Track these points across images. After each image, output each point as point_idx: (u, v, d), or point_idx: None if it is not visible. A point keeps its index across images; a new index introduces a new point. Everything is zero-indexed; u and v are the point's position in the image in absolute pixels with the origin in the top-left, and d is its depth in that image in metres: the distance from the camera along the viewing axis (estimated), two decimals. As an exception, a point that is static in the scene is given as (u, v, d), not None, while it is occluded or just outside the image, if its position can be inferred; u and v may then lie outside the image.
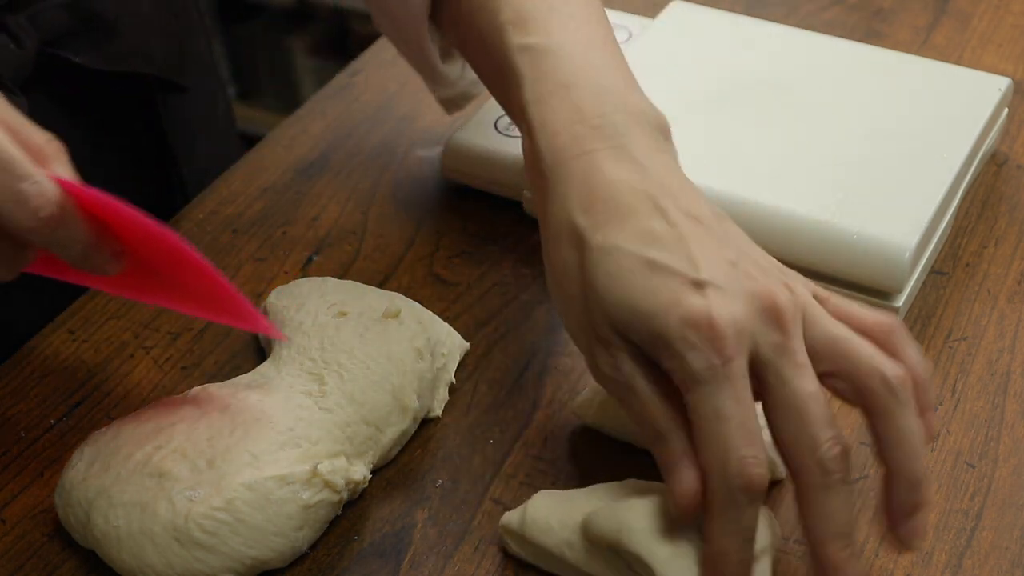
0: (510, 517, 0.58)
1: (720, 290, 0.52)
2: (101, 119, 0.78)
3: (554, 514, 0.57)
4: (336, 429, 0.60)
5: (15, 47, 0.69)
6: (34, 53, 0.70)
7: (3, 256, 0.55)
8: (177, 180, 0.84)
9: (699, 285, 0.52)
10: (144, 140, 0.82)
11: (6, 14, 0.69)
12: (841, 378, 0.54)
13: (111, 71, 0.74)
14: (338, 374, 0.62)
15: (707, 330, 0.51)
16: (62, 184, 0.53)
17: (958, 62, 0.89)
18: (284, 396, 0.61)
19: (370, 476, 0.61)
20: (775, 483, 0.62)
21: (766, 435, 0.61)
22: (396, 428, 0.62)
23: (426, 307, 0.72)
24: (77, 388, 0.68)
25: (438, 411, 0.65)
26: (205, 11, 0.90)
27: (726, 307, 0.52)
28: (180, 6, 0.82)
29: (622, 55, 0.63)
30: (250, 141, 0.90)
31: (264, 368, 0.63)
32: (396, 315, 0.64)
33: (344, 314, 0.64)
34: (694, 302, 0.52)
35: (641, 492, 0.56)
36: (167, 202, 0.83)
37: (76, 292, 0.73)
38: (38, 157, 0.53)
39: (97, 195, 0.54)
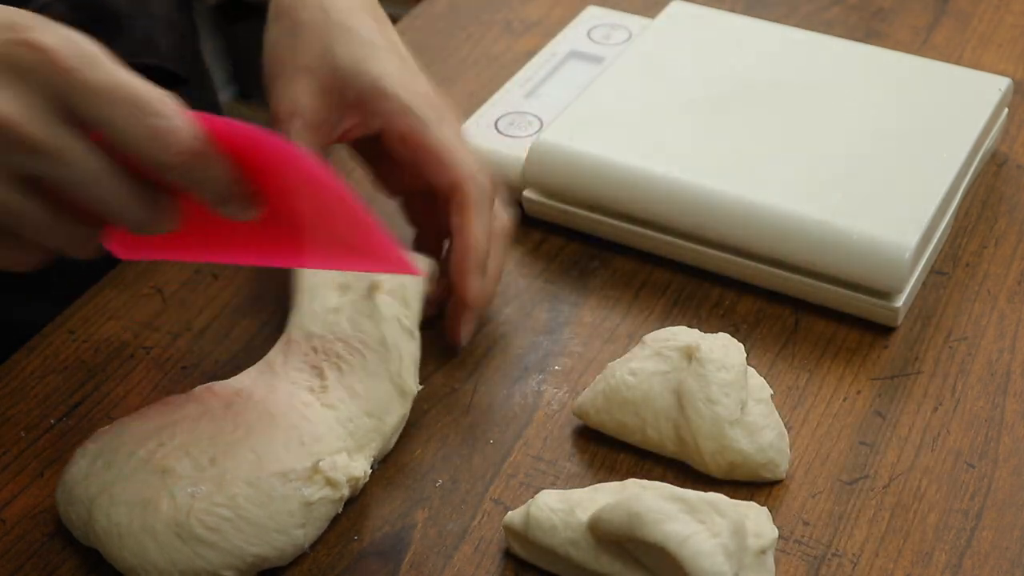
0: (513, 517, 0.58)
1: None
2: None
3: (557, 513, 0.57)
4: (338, 425, 0.60)
5: None
6: None
7: (81, 236, 0.53)
8: None
9: None
10: None
11: None
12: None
13: None
14: (336, 366, 0.62)
15: None
16: (201, 119, 0.51)
17: (958, 62, 0.89)
18: (287, 393, 0.61)
19: (371, 471, 0.61)
20: (775, 483, 0.62)
21: (767, 435, 0.61)
22: (396, 415, 0.62)
23: (426, 307, 0.72)
24: (77, 388, 0.68)
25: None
26: (203, 11, 0.91)
27: None
28: (182, 1, 0.83)
29: None
30: (250, 141, 0.90)
31: (265, 364, 0.63)
32: (379, 289, 0.64)
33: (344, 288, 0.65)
34: None
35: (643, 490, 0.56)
36: None
37: (76, 292, 0.73)
38: None
39: (241, 127, 0.52)
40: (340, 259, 0.60)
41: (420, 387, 0.64)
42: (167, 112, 0.50)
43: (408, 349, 0.63)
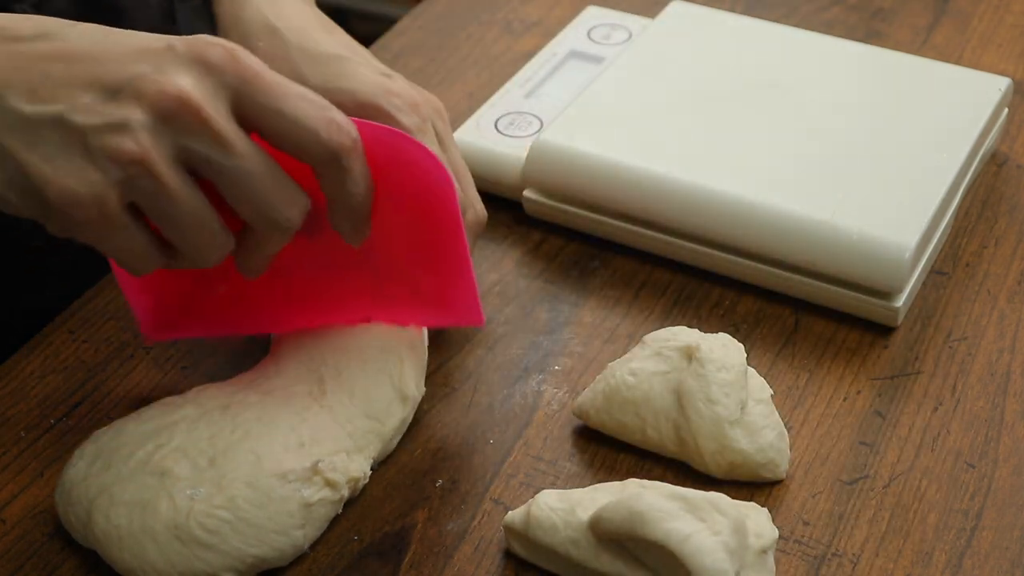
0: (513, 517, 0.58)
1: None
2: None
3: (558, 513, 0.57)
4: (337, 426, 0.60)
5: None
6: None
7: (216, 239, 0.54)
8: None
9: None
10: None
11: (12, 2, 0.69)
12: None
13: None
14: (335, 370, 0.62)
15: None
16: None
17: (958, 62, 0.89)
18: (285, 395, 0.61)
19: (370, 472, 0.61)
20: (775, 483, 0.62)
21: (767, 435, 0.61)
22: (396, 418, 0.62)
23: (426, 307, 0.72)
24: (77, 388, 0.68)
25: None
26: (202, 11, 0.92)
27: None
28: None
29: None
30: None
31: (263, 367, 0.63)
32: None
33: None
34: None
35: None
36: None
37: (76, 292, 0.73)
38: None
39: (369, 123, 0.55)
40: (405, 313, 0.63)
41: (423, 391, 0.64)
42: (334, 108, 0.54)
43: (410, 353, 0.63)
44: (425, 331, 0.65)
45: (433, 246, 0.59)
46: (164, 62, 0.51)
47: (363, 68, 0.68)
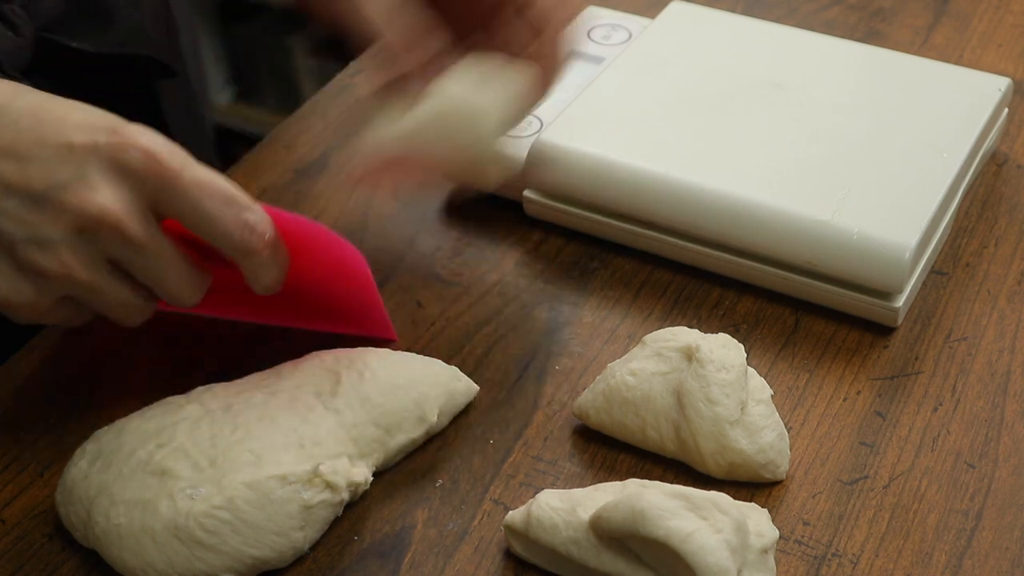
0: (514, 516, 0.58)
1: None
2: (102, 103, 0.79)
3: (559, 512, 0.57)
4: (340, 430, 0.60)
5: (12, 35, 0.70)
6: (31, 39, 0.71)
7: (138, 306, 0.60)
8: None
9: None
10: (144, 122, 0.83)
11: (1, 2, 0.69)
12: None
13: (109, 54, 0.76)
14: (359, 374, 0.62)
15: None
16: (266, 210, 0.58)
17: (958, 62, 0.89)
18: (290, 396, 0.61)
19: (372, 478, 0.61)
20: (775, 483, 0.62)
21: (767, 435, 0.61)
22: (407, 435, 0.62)
23: (426, 307, 0.72)
24: (78, 388, 0.68)
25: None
26: (190, 11, 0.93)
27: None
28: None
29: None
30: (250, 141, 0.90)
31: (273, 370, 0.63)
32: None
33: None
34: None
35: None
36: None
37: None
38: None
39: (292, 217, 0.59)
40: (335, 325, 0.68)
41: (442, 425, 0.64)
42: (254, 207, 0.58)
43: (447, 388, 0.64)
44: (470, 381, 0.66)
45: (350, 296, 0.66)
46: (86, 168, 0.55)
47: None
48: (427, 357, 0.65)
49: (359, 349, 0.64)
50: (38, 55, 0.72)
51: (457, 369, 0.65)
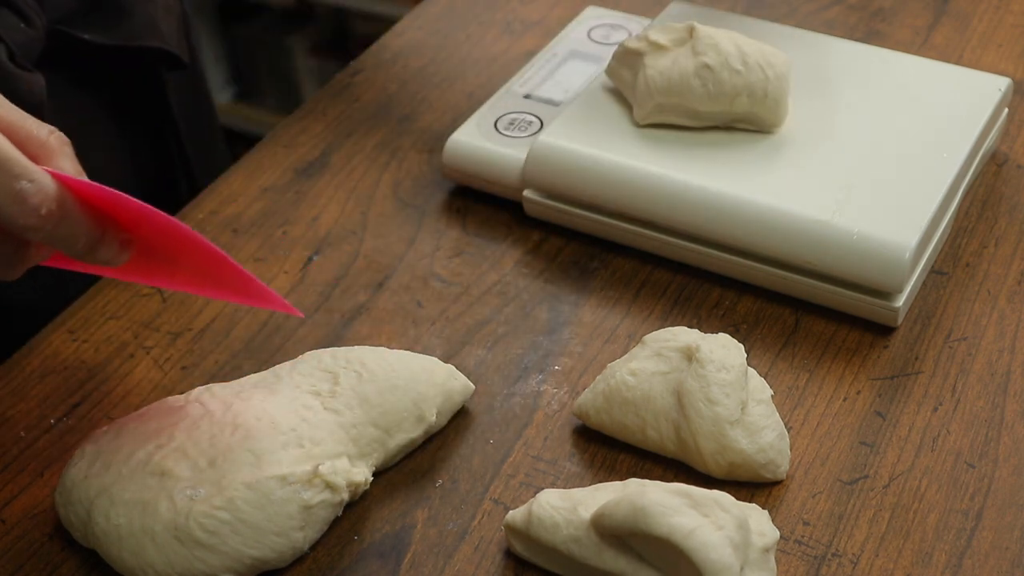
0: (514, 516, 0.58)
1: None
2: (113, 94, 0.80)
3: (560, 511, 0.57)
4: (340, 430, 0.60)
5: (24, 26, 0.70)
6: (43, 31, 0.72)
7: (5, 256, 0.55)
8: (181, 156, 0.87)
9: None
10: (152, 115, 0.84)
11: None
12: None
13: (121, 46, 0.76)
14: (357, 373, 0.62)
15: None
16: (61, 179, 0.53)
17: (958, 62, 0.89)
18: (289, 396, 0.61)
19: (372, 478, 0.61)
20: (775, 483, 0.62)
21: (767, 436, 0.61)
22: (406, 435, 0.62)
23: (426, 307, 0.72)
24: (77, 388, 0.68)
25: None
26: (203, 11, 0.93)
27: None
28: None
29: None
30: (250, 141, 0.90)
31: (271, 371, 0.63)
32: None
33: None
34: None
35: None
36: (170, 178, 0.86)
37: (76, 292, 0.73)
38: (40, 151, 0.54)
39: (98, 188, 0.54)
40: (218, 292, 0.62)
41: (441, 424, 0.64)
42: (33, 176, 0.52)
43: (445, 381, 0.64)
44: (467, 380, 0.65)
45: (198, 258, 0.58)
46: None
47: None
48: (423, 355, 0.65)
49: (356, 348, 0.64)
50: (50, 47, 0.73)
51: (453, 368, 0.65)
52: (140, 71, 0.81)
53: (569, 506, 0.57)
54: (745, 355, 0.63)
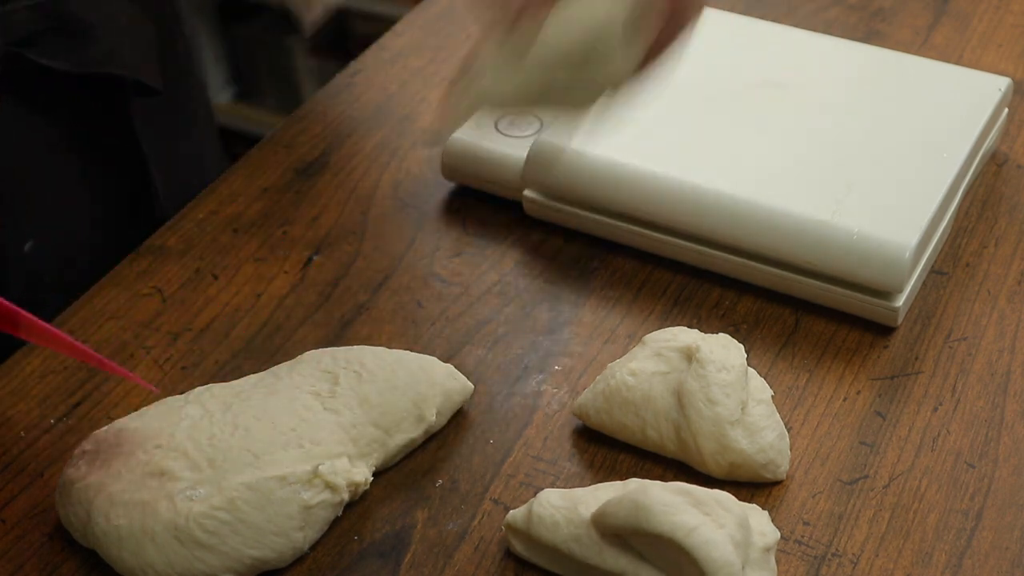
0: (515, 515, 0.58)
1: None
2: (73, 121, 0.77)
3: (560, 511, 0.57)
4: (340, 430, 0.60)
5: None
6: (1, 54, 0.70)
7: None
8: (148, 182, 0.82)
9: None
10: (116, 142, 0.80)
11: None
12: None
13: (82, 73, 0.73)
14: (356, 374, 0.62)
15: None
16: None
17: (958, 62, 0.89)
18: (288, 396, 0.61)
19: (372, 478, 0.61)
20: (775, 483, 0.62)
21: (768, 435, 0.61)
22: (406, 435, 0.62)
23: (426, 307, 0.72)
24: (77, 388, 0.68)
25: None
26: (187, 14, 0.89)
27: None
28: (157, 9, 0.81)
29: None
30: (250, 141, 0.90)
31: (270, 372, 0.64)
32: None
33: None
34: None
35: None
36: (139, 203, 0.82)
37: (76, 292, 0.73)
38: None
39: None
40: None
41: (441, 424, 0.64)
42: None
43: (443, 386, 0.63)
44: (466, 380, 0.65)
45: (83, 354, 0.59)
46: None
47: None
48: (423, 355, 0.65)
49: (355, 348, 0.64)
50: (5, 71, 0.70)
51: (452, 367, 0.65)
52: (104, 98, 0.77)
53: (570, 505, 0.57)
54: (745, 355, 0.63)
